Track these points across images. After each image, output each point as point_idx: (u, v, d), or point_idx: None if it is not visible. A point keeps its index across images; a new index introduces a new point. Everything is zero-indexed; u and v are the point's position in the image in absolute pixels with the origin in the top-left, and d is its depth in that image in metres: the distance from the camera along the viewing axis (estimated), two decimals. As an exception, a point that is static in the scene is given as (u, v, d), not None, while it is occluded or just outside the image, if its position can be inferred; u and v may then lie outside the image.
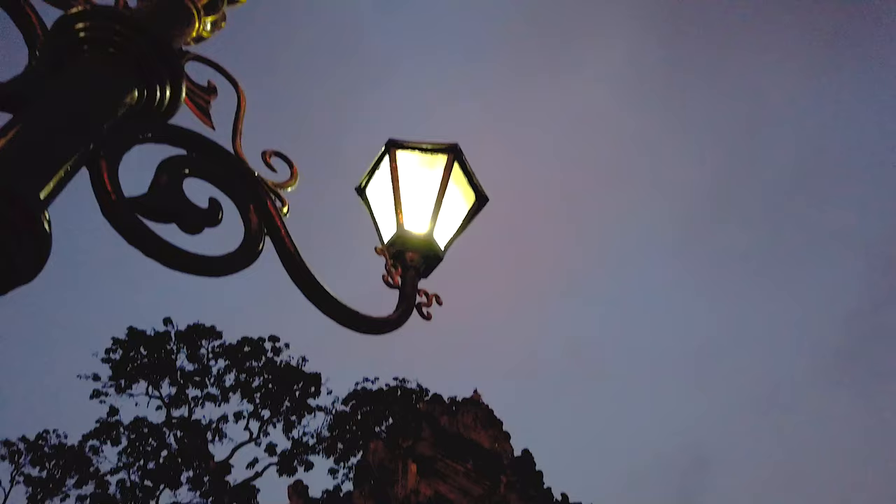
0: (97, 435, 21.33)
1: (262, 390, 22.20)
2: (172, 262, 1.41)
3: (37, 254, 1.15)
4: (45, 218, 1.15)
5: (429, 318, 2.05)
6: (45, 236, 1.14)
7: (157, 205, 1.42)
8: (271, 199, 1.71)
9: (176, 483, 21.85)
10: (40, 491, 21.62)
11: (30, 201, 1.13)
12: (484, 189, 2.45)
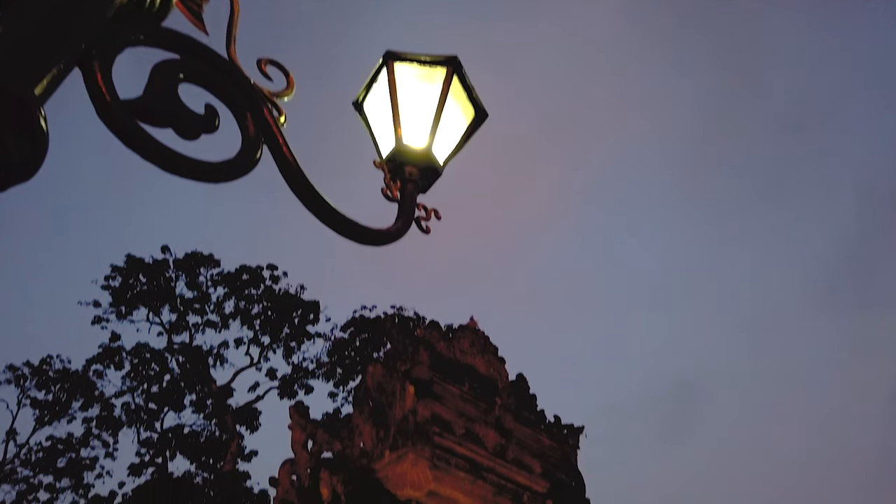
0: (100, 360, 21.78)
1: (261, 317, 22.55)
2: (170, 166, 1.40)
3: (34, 151, 1.14)
4: (41, 114, 1.13)
5: (427, 232, 2.06)
6: (42, 133, 1.13)
7: (153, 108, 1.40)
8: (268, 108, 1.68)
9: (179, 406, 22.48)
10: (47, 413, 22.25)
11: (26, 96, 1.11)
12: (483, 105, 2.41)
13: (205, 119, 1.48)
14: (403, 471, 7.65)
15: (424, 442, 7.88)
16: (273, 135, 1.64)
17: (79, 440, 22.31)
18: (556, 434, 11.36)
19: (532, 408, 11.51)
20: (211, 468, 22.04)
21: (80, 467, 21.93)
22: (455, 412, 10.02)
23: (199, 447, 22.19)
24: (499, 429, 10.35)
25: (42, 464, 21.74)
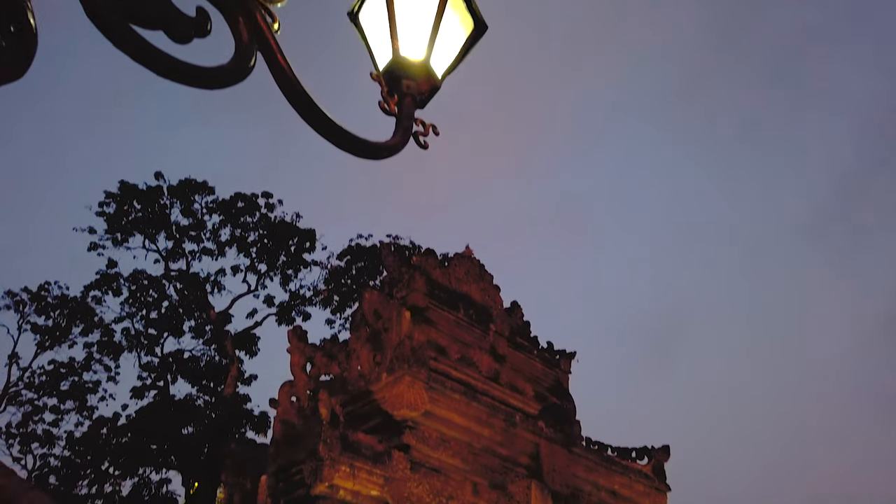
0: (98, 286, 21.91)
1: (257, 245, 22.59)
2: (161, 69, 1.37)
3: (24, 49, 1.11)
4: (29, 7, 1.09)
5: (426, 147, 2.04)
6: (31, 30, 1.10)
7: (143, 9, 1.36)
8: (261, 14, 1.63)
9: (179, 332, 22.80)
10: (48, 339, 22.56)
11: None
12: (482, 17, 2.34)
13: (196, 22, 1.43)
14: (400, 392, 7.86)
15: (420, 365, 8.07)
16: (267, 42, 1.59)
17: (81, 364, 22.71)
18: (549, 359, 11.63)
19: (525, 334, 11.74)
20: (212, 391, 22.58)
21: (83, 390, 22.42)
22: (450, 337, 10.21)
23: (200, 371, 22.65)
24: (493, 354, 10.57)
25: (45, 387, 22.21)
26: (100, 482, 19.76)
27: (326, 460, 6.99)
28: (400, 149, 1.95)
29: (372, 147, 1.86)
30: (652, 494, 10.15)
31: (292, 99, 1.65)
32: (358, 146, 1.80)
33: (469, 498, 8.29)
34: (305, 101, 1.66)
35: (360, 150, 1.82)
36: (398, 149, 1.94)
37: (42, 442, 20.82)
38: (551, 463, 8.97)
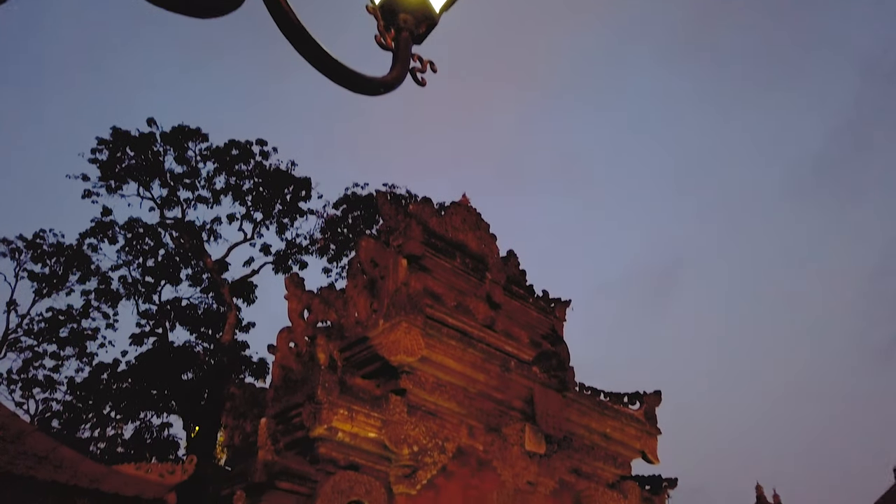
0: (93, 234, 21.84)
1: (252, 193, 22.45)
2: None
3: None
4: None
5: (423, 84, 1.99)
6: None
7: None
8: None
9: (176, 280, 22.88)
10: (45, 286, 22.60)
11: None
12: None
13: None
14: (397, 338, 7.94)
15: (417, 312, 8.13)
16: (260, -30, 1.54)
17: (79, 311, 22.82)
18: (544, 307, 11.73)
19: (521, 283, 11.81)
20: (210, 339, 22.81)
21: (82, 337, 22.58)
22: (446, 285, 10.27)
23: (198, 319, 22.82)
24: (488, 302, 10.65)
25: (45, 333, 22.36)
26: (102, 426, 20.13)
27: (325, 403, 7.11)
28: (397, 84, 1.91)
29: (368, 82, 1.82)
30: (643, 438, 10.40)
31: (287, 31, 1.60)
32: (354, 81, 1.76)
33: (465, 440, 8.48)
34: (300, 34, 1.62)
35: (356, 85, 1.78)
36: (395, 84, 1.90)
37: (43, 387, 21.10)
38: (545, 407, 9.15)
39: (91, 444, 19.26)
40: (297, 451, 7.33)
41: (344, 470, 7.31)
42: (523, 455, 8.90)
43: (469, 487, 8.26)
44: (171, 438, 20.37)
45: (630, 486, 10.18)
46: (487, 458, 8.65)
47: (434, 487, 7.86)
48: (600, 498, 9.66)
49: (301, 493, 6.87)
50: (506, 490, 8.60)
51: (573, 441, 9.65)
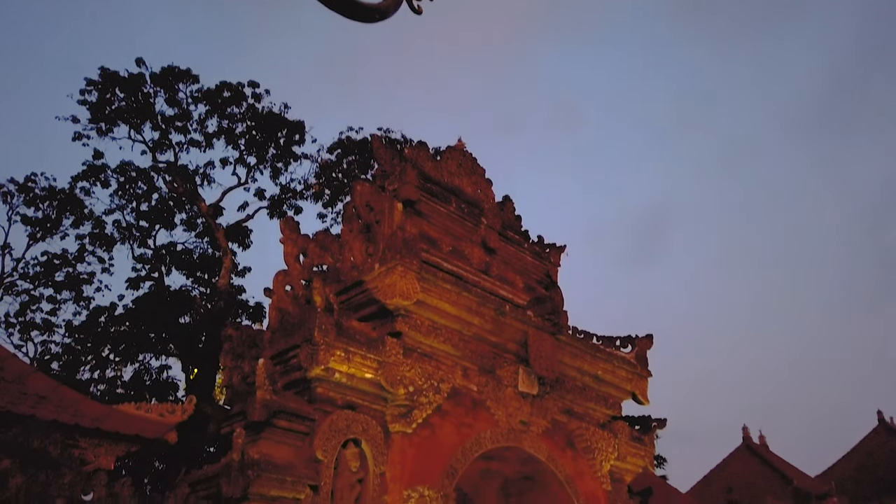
0: (85, 177, 21.64)
1: (245, 137, 22.16)
2: None
3: None
4: None
5: (419, 13, 1.94)
6: None
7: None
8: None
9: (170, 224, 22.80)
10: (39, 230, 22.52)
11: None
12: None
13: None
14: (392, 282, 7.98)
15: (412, 256, 8.15)
16: None
17: (74, 256, 22.81)
18: (539, 252, 11.78)
19: (516, 228, 11.81)
20: (206, 283, 22.91)
21: (78, 281, 22.64)
22: (442, 230, 10.27)
23: (194, 263, 22.86)
24: (484, 247, 10.68)
25: (40, 277, 22.40)
26: (101, 368, 20.39)
27: (322, 345, 7.20)
28: (393, 11, 1.85)
29: (364, 8, 1.76)
30: (634, 380, 10.62)
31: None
32: (349, 7, 1.71)
33: (459, 381, 8.64)
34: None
35: (353, 13, 1.72)
36: (391, 11, 1.84)
37: (41, 330, 21.26)
38: (538, 349, 9.29)
39: (91, 386, 19.55)
40: (294, 391, 7.46)
41: (341, 409, 7.46)
42: (517, 396, 9.08)
43: (463, 426, 8.46)
44: (170, 380, 20.69)
45: (620, 426, 10.45)
46: (482, 399, 8.83)
47: (429, 426, 8.05)
48: (591, 437, 9.92)
49: (299, 432, 7.03)
50: (499, 429, 8.81)
51: (565, 382, 9.84)
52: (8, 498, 4.69)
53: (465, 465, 8.23)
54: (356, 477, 7.29)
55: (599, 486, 9.84)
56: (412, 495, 7.41)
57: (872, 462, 33.95)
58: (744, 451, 31.56)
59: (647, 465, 10.99)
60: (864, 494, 32.11)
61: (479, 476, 9.84)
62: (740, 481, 25.51)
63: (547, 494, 9.56)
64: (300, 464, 6.87)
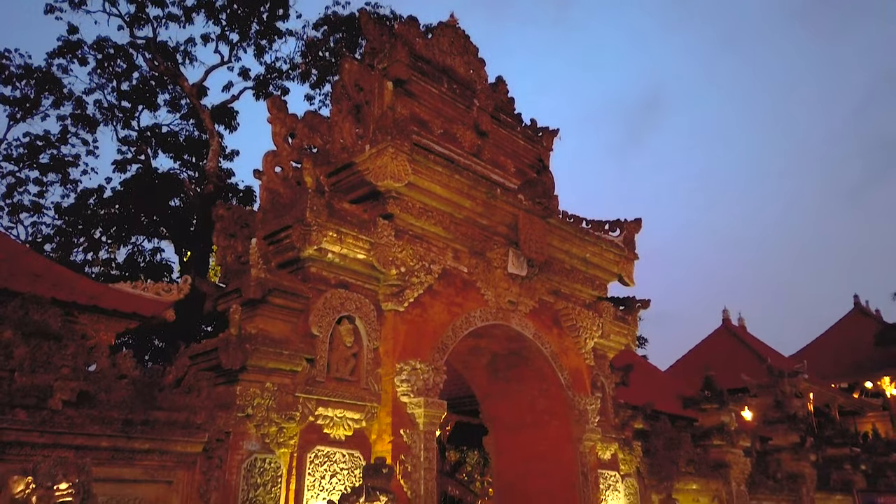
0: (62, 54, 20.76)
1: (226, 11, 21.08)
2: None
3: None
4: None
5: None
6: None
7: None
8: None
9: (153, 105, 22.20)
10: (18, 110, 21.90)
11: None
12: None
13: None
14: (383, 163, 7.91)
15: (403, 137, 8.02)
16: None
17: (57, 137, 22.38)
18: (531, 136, 11.63)
19: (509, 110, 11.58)
20: (195, 167, 22.64)
21: (63, 163, 22.36)
22: (433, 112, 10.06)
23: (180, 146, 22.49)
24: (476, 129, 10.52)
25: (25, 159, 22.06)
26: (94, 250, 20.54)
27: (314, 225, 7.23)
28: None
29: None
30: (621, 262, 10.84)
31: None
32: None
33: (450, 262, 8.79)
34: None
35: None
36: None
37: (30, 212, 21.20)
38: (528, 233, 9.39)
39: (85, 267, 19.78)
40: (288, 270, 7.58)
41: (335, 288, 7.62)
42: (506, 277, 9.29)
43: (454, 305, 8.70)
44: (164, 263, 20.94)
45: (605, 306, 10.79)
46: (472, 280, 9.02)
47: (421, 305, 8.28)
48: (577, 316, 10.27)
49: (294, 309, 7.21)
50: (488, 308, 9.08)
51: (554, 265, 10.04)
52: (13, 367, 4.87)
53: (455, 342, 8.55)
54: (351, 351, 7.58)
55: (583, 362, 10.30)
56: (405, 368, 7.74)
57: (846, 343, 35.60)
58: (723, 333, 32.94)
59: (630, 343, 11.47)
60: (836, 373, 33.94)
61: (468, 352, 10.25)
62: (718, 360, 26.79)
63: (533, 369, 10.02)
64: (296, 339, 7.11)
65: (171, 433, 5.84)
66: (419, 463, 7.51)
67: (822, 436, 17.16)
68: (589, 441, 9.77)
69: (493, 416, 10.81)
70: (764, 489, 13.46)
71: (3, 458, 4.81)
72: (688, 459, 11.58)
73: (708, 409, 12.82)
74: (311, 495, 6.65)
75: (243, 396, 6.45)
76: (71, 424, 5.17)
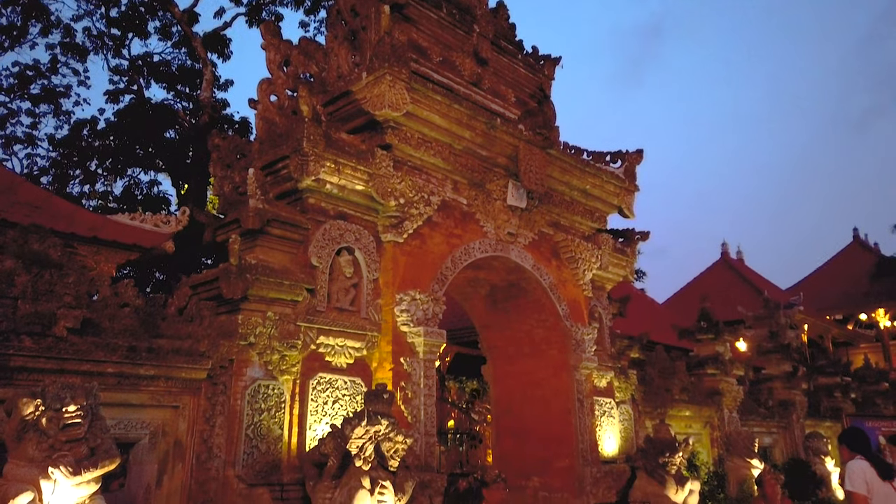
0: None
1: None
2: None
3: None
4: None
5: None
6: None
7: None
8: None
9: (144, 32, 21.59)
10: (5, 38, 21.32)
11: None
12: None
13: None
14: (381, 92, 7.75)
15: (401, 64, 7.83)
16: None
17: (47, 67, 21.90)
18: (533, 64, 11.35)
19: (510, 38, 11.26)
20: (189, 97, 22.22)
21: (55, 94, 21.97)
22: (431, 38, 9.78)
23: (173, 76, 22.01)
24: (476, 57, 10.26)
25: (15, 90, 21.65)
26: (90, 182, 20.41)
27: (311, 156, 7.15)
28: None
29: None
30: (621, 194, 10.79)
31: None
32: None
33: (449, 194, 8.74)
34: None
35: None
36: None
37: (24, 143, 20.96)
38: (528, 164, 9.30)
39: (82, 200, 19.71)
40: (286, 201, 7.53)
41: (334, 219, 7.60)
42: (505, 209, 9.26)
43: (453, 237, 8.71)
44: (162, 195, 20.85)
45: (604, 238, 10.81)
46: (471, 212, 9.00)
47: (420, 236, 8.28)
48: (576, 248, 10.30)
49: (293, 240, 7.22)
50: (487, 240, 9.09)
51: (553, 196, 10.00)
52: (16, 295, 4.91)
53: (454, 273, 8.60)
54: (350, 282, 7.63)
55: (581, 293, 10.40)
56: (404, 298, 7.81)
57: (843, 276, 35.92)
58: (721, 266, 33.19)
59: (628, 275, 11.55)
60: (831, 305, 34.39)
61: (467, 284, 10.34)
62: (715, 293, 27.09)
63: (531, 300, 10.13)
64: (296, 269, 7.14)
65: (175, 360, 5.95)
66: (419, 390, 7.68)
67: (814, 365, 17.54)
68: (585, 369, 9.98)
69: (492, 346, 11.00)
70: (755, 416, 13.85)
71: (11, 383, 4.91)
72: (682, 387, 11.86)
73: (703, 340, 13.05)
74: (315, 420, 6.84)
75: (245, 325, 6.54)
76: (76, 351, 5.25)
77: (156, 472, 5.93)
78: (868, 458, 5.38)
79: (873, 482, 5.20)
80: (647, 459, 9.47)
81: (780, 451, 14.33)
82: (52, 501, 4.03)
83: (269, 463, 6.39)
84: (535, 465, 9.93)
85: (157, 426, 6.00)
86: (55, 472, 4.00)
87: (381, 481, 5.58)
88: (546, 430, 9.92)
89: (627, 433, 10.78)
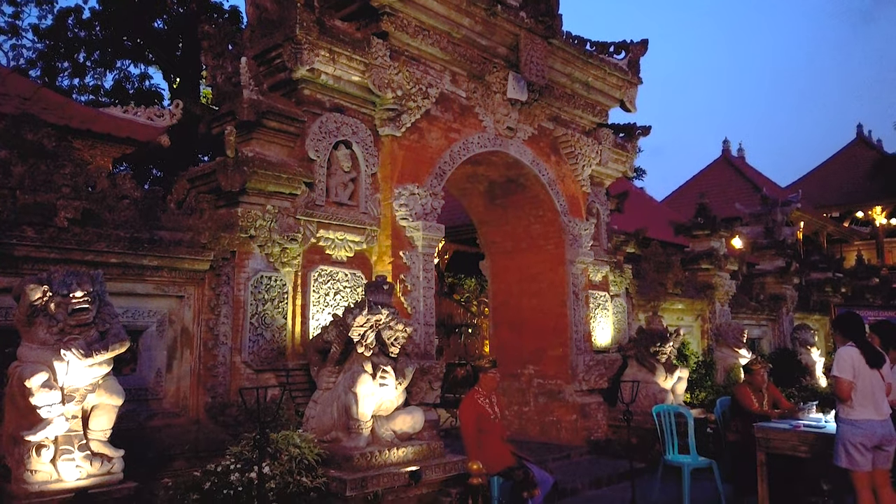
0: None
1: None
2: None
3: None
4: None
5: None
6: None
7: None
8: None
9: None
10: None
11: None
12: None
13: None
14: (376, -25, 7.38)
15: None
16: None
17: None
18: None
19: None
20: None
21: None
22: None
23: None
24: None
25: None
26: (80, 75, 19.85)
27: (305, 44, 6.92)
28: None
29: None
30: (624, 86, 10.55)
31: None
32: None
33: (448, 86, 8.55)
34: None
35: None
36: None
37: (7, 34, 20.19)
38: (529, 55, 9.03)
39: (73, 94, 19.25)
40: (281, 93, 7.37)
41: (330, 112, 7.47)
42: (505, 102, 9.07)
43: (451, 131, 8.58)
44: (154, 89, 20.33)
45: (604, 133, 10.67)
46: (470, 105, 8.83)
47: (418, 130, 8.17)
48: (576, 143, 10.18)
49: (290, 132, 7.12)
50: (486, 134, 8.98)
51: (555, 89, 9.77)
52: (14, 185, 4.90)
53: (452, 168, 8.55)
54: (349, 176, 7.61)
55: (580, 189, 10.39)
56: (403, 193, 7.82)
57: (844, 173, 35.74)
58: (722, 164, 32.92)
59: (627, 171, 11.49)
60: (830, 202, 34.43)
61: (466, 179, 10.30)
62: (715, 190, 27.06)
63: (530, 196, 10.13)
64: (294, 163, 7.10)
65: (177, 251, 6.03)
66: (418, 282, 7.84)
67: (807, 261, 17.80)
68: (581, 263, 10.14)
69: (490, 241, 11.12)
70: (746, 309, 14.22)
71: (17, 273, 5.01)
72: (675, 282, 12.10)
73: (699, 236, 13.17)
74: (317, 310, 7.03)
75: (245, 218, 6.58)
76: (79, 241, 5.32)
77: (165, 358, 6.17)
78: (859, 345, 5.29)
79: (860, 369, 5.14)
80: (639, 349, 9.82)
81: (769, 342, 14.82)
82: (65, 382, 4.21)
83: (274, 350, 6.63)
84: (531, 355, 10.31)
85: (163, 315, 6.18)
86: (67, 353, 4.16)
87: (382, 366, 5.81)
88: (542, 321, 10.22)
89: (621, 325, 11.11)
